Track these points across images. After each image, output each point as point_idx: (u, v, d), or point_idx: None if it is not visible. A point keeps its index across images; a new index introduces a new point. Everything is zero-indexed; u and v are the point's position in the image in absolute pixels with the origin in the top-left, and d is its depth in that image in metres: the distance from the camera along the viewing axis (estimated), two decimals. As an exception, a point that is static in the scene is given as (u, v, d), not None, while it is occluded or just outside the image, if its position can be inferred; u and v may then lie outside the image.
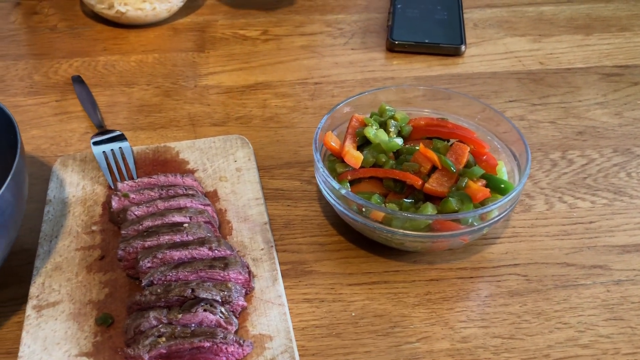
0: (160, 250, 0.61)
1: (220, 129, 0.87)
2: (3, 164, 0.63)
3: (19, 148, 0.59)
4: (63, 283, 0.63)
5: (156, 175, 0.72)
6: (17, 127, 0.62)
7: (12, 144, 0.61)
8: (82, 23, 1.11)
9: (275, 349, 0.57)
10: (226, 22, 1.12)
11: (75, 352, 0.57)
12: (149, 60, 1.01)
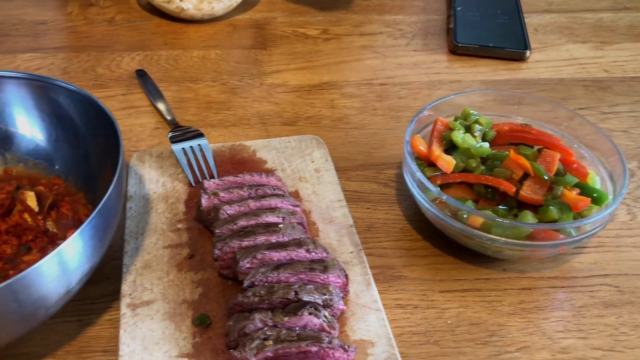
0: (259, 250, 0.60)
1: (292, 128, 0.86)
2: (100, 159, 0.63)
3: (120, 149, 0.58)
4: (154, 281, 0.62)
5: (242, 174, 0.71)
6: (118, 129, 0.60)
7: (111, 142, 0.60)
8: (138, 16, 1.10)
9: (378, 355, 0.56)
10: (285, 20, 1.11)
11: (176, 353, 0.56)
12: (212, 57, 1.00)
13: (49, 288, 0.51)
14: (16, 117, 0.69)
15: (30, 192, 0.64)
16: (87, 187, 0.68)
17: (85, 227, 0.51)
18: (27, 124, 0.69)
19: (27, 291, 0.49)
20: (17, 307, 0.49)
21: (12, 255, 0.60)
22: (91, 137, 0.65)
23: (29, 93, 0.67)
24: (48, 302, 0.52)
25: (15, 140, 0.69)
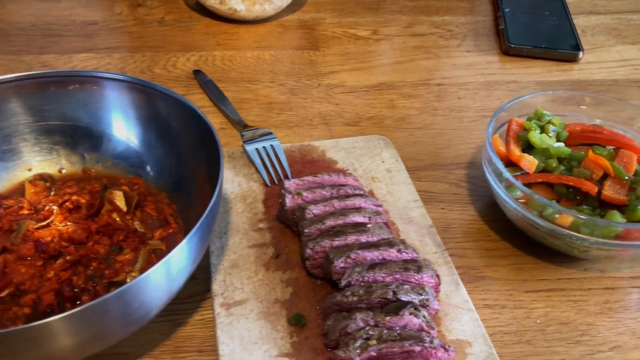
0: (352, 250, 0.60)
1: (354, 128, 0.86)
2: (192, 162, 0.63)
3: (220, 155, 0.57)
4: (244, 281, 0.62)
5: (320, 174, 0.71)
6: (216, 136, 0.60)
7: (205, 147, 0.60)
8: (188, 17, 1.10)
9: (477, 355, 0.57)
10: (334, 20, 1.11)
11: (275, 352, 0.56)
12: (266, 57, 1.00)
13: (156, 294, 0.51)
14: (113, 119, 0.69)
15: (118, 192, 0.64)
16: (170, 187, 0.68)
17: (194, 234, 0.50)
18: (123, 126, 0.69)
19: (137, 298, 0.49)
20: (126, 312, 0.49)
21: (105, 255, 0.60)
22: (183, 140, 0.65)
23: (129, 96, 0.67)
24: (153, 307, 0.52)
25: (106, 141, 0.69)
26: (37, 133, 0.68)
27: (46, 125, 0.68)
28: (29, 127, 0.67)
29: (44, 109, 0.67)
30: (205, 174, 0.60)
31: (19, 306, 0.56)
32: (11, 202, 0.66)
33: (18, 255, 0.59)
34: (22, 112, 0.67)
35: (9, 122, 0.67)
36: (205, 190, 0.59)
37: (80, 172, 0.70)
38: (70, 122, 0.68)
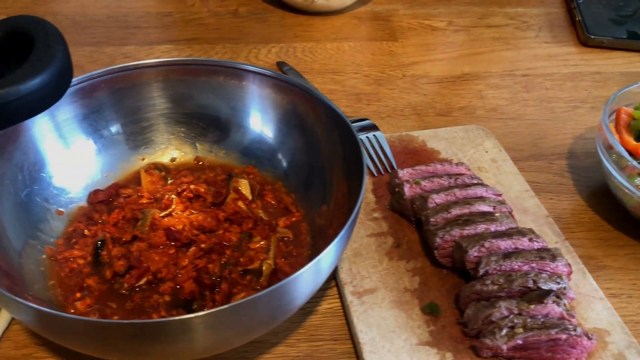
0: (485, 239, 0.59)
1: (447, 119, 0.86)
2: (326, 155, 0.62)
3: (362, 154, 0.56)
4: (370, 270, 0.62)
5: (432, 164, 0.70)
6: (357, 137, 0.58)
7: (344, 144, 0.59)
8: (261, 9, 1.10)
9: (617, 344, 0.56)
10: (407, 12, 1.10)
11: (415, 341, 0.56)
12: (346, 49, 1.00)
13: (306, 290, 0.50)
14: (251, 112, 0.68)
15: (244, 180, 0.64)
16: (285, 176, 0.67)
17: (344, 233, 0.49)
18: (259, 119, 0.68)
19: (290, 294, 0.48)
20: (277, 308, 0.49)
21: (237, 243, 0.60)
22: (319, 137, 0.64)
23: (270, 90, 0.66)
24: (300, 302, 0.51)
25: (236, 132, 0.68)
26: (165, 121, 0.68)
27: (178, 113, 0.68)
28: (158, 114, 0.67)
29: (184, 97, 0.66)
30: (341, 171, 0.60)
31: (158, 294, 0.56)
32: (129, 191, 0.66)
33: (149, 243, 0.59)
34: (155, 99, 0.66)
35: (142, 109, 0.66)
36: (339, 186, 0.59)
37: (192, 161, 0.70)
38: (207, 112, 0.68)
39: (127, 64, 0.64)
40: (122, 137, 0.67)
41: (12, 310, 0.47)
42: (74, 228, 0.62)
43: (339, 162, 0.60)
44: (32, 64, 0.47)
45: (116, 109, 0.66)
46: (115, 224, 0.62)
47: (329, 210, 0.61)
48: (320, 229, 0.61)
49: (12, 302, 0.44)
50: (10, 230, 0.56)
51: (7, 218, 0.56)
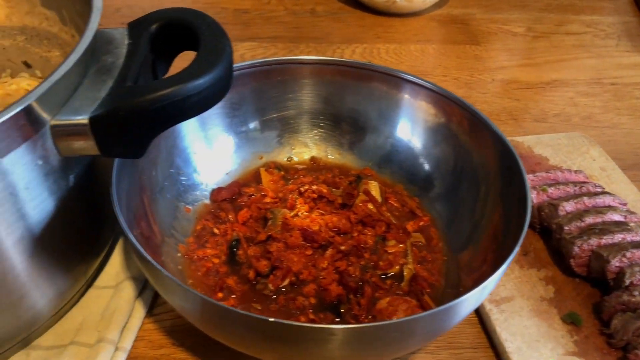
0: (626, 249, 0.58)
1: (544, 125, 0.85)
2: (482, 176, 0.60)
3: (524, 176, 0.54)
4: (502, 278, 0.61)
5: (553, 171, 0.69)
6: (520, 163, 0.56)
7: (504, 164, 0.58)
8: (337, 8, 1.09)
9: None
10: (484, 16, 1.10)
11: (562, 351, 0.55)
12: (430, 51, 0.99)
13: (466, 312, 0.49)
14: (400, 120, 0.66)
15: (374, 183, 0.63)
16: (408, 179, 0.66)
17: (511, 258, 0.48)
18: (408, 128, 0.66)
19: (452, 316, 0.47)
20: (438, 328, 0.47)
21: (373, 246, 0.58)
22: (470, 151, 0.61)
23: (424, 101, 0.64)
24: (456, 322, 0.50)
25: (374, 137, 0.67)
26: (304, 120, 0.67)
27: (320, 113, 0.67)
28: (297, 112, 0.66)
29: (333, 97, 0.65)
30: (495, 188, 0.58)
31: (302, 296, 0.54)
32: (252, 189, 0.64)
33: (286, 244, 0.57)
34: (300, 96, 0.65)
35: (280, 105, 0.65)
36: (493, 203, 0.57)
37: (308, 161, 0.69)
38: (349, 114, 0.66)
39: (277, 59, 0.64)
40: (258, 134, 0.65)
41: (179, 298, 0.46)
42: (202, 226, 0.61)
43: (494, 181, 0.58)
44: (205, 59, 0.46)
45: (255, 105, 0.64)
46: (245, 223, 0.61)
47: (476, 225, 0.58)
48: (464, 240, 0.59)
49: (181, 289, 0.44)
50: (154, 226, 0.55)
51: (151, 214, 0.55)
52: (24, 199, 0.45)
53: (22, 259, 0.47)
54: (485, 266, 0.53)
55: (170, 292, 0.47)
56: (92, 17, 0.49)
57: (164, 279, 0.45)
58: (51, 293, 0.52)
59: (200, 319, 0.48)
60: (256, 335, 0.44)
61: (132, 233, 0.46)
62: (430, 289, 0.56)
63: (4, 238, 0.45)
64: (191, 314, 0.48)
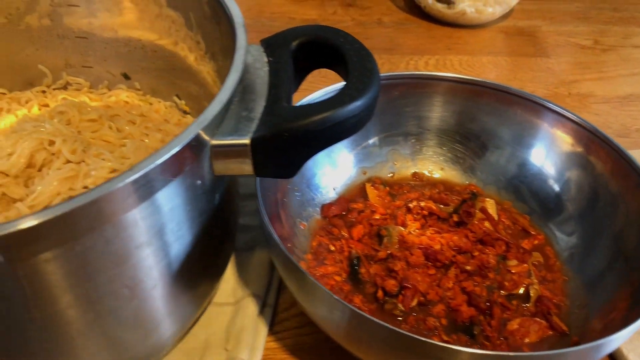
0: None
1: (628, 140, 0.85)
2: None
3: None
4: None
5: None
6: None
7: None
8: (404, 19, 1.08)
9: None
10: (549, 28, 1.09)
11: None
12: (502, 63, 0.99)
13: (611, 349, 0.48)
14: (534, 146, 0.66)
15: (490, 200, 0.62)
16: (516, 196, 0.66)
17: None
18: (542, 154, 0.65)
19: (599, 352, 0.46)
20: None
21: (495, 266, 0.58)
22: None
23: (564, 130, 0.64)
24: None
25: (495, 156, 0.67)
26: (422, 136, 0.67)
27: (441, 129, 0.66)
28: (415, 127, 0.66)
29: (465, 116, 0.65)
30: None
31: (433, 317, 0.54)
32: (360, 205, 0.64)
33: (407, 262, 0.57)
34: (430, 112, 0.65)
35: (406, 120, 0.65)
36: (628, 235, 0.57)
37: (410, 176, 0.69)
38: (479, 134, 0.66)
39: (414, 73, 0.64)
40: (376, 150, 0.65)
41: (328, 309, 0.46)
42: (318, 242, 0.60)
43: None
44: (360, 80, 0.46)
45: (381, 120, 0.64)
46: (360, 240, 0.60)
47: (616, 253, 0.57)
48: (598, 266, 0.58)
49: (332, 300, 0.44)
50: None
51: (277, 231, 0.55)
52: (171, 231, 0.43)
53: (161, 293, 0.46)
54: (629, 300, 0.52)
55: (317, 303, 0.47)
56: (238, 32, 0.49)
57: (316, 290, 0.45)
58: (182, 318, 0.51)
59: (345, 332, 0.47)
60: (407, 354, 0.44)
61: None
62: (557, 309, 0.56)
63: (146, 277, 0.44)
64: (335, 326, 0.47)
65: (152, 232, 0.42)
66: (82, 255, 0.39)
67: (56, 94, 0.70)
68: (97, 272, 0.40)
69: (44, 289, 0.39)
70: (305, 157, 0.45)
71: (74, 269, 0.39)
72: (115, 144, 0.62)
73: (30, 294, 0.39)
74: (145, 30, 0.63)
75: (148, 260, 0.43)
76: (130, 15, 0.63)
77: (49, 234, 0.36)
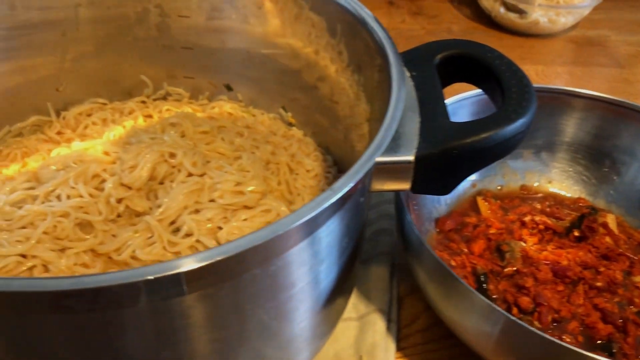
0: None
1: None
2: None
3: None
4: None
5: None
6: None
7: None
8: (472, 27, 1.08)
9: None
10: (618, 38, 1.09)
11: None
12: (578, 73, 0.98)
13: None
14: None
15: (611, 215, 0.62)
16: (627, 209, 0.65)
17: None
18: None
19: None
20: None
21: (622, 281, 0.57)
22: None
23: None
24: None
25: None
26: (548, 149, 0.66)
27: (570, 144, 0.66)
28: (542, 141, 0.65)
29: (600, 133, 0.65)
30: None
31: (568, 334, 0.53)
32: (474, 219, 0.63)
33: (535, 278, 0.56)
34: (563, 126, 0.65)
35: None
36: None
37: (518, 189, 0.68)
38: (612, 152, 0.66)
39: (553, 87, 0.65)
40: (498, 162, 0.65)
41: (480, 318, 0.46)
42: (440, 257, 0.59)
43: None
44: (521, 97, 0.45)
45: None
46: (481, 255, 0.60)
47: None
48: None
49: (491, 309, 0.44)
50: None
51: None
52: (327, 257, 0.43)
53: (309, 319, 0.46)
54: None
55: (468, 312, 0.46)
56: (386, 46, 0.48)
57: (472, 299, 0.44)
58: (322, 337, 0.50)
59: (495, 342, 0.47)
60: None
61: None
62: (689, 326, 0.55)
63: (299, 306, 0.43)
64: (485, 336, 0.47)
65: (313, 261, 0.42)
66: (240, 289, 0.38)
67: (158, 104, 0.69)
68: (250, 305, 0.40)
69: (200, 320, 0.39)
70: (466, 175, 0.45)
71: (228, 304, 0.39)
72: (230, 157, 0.61)
73: (194, 324, 0.39)
74: (288, 38, 0.61)
75: (303, 292, 0.43)
76: (275, 22, 0.61)
77: (223, 269, 0.35)
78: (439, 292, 0.49)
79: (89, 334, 0.38)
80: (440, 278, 0.47)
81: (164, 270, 0.33)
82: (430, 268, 0.48)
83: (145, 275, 0.33)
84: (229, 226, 0.54)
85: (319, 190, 0.62)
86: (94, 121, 0.66)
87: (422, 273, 0.50)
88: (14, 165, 0.62)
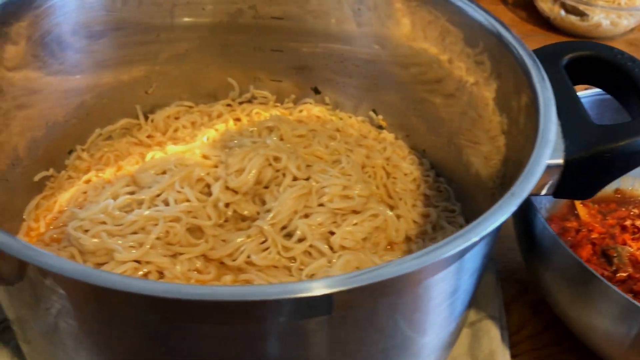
0: None
1: None
2: None
3: None
4: None
5: None
6: None
7: None
8: (529, 30, 1.07)
9: None
10: (677, 41, 1.08)
11: None
12: (643, 76, 0.97)
13: None
14: None
15: None
16: None
17: None
18: None
19: None
20: None
21: None
22: None
23: None
24: None
25: None
26: None
27: None
28: None
29: None
30: None
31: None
32: (574, 224, 0.62)
33: (650, 284, 0.55)
34: None
35: None
36: None
37: (612, 193, 0.67)
38: None
39: None
40: None
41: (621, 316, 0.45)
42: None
43: None
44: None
45: None
46: (589, 260, 0.58)
47: None
48: None
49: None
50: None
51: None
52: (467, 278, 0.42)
53: (442, 335, 0.46)
54: None
55: (604, 313, 0.46)
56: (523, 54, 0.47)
57: (616, 298, 0.44)
58: (446, 350, 0.50)
59: (630, 343, 0.46)
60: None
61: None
62: None
63: (435, 322, 0.43)
64: (621, 337, 0.46)
65: (459, 275, 0.41)
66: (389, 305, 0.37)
67: (245, 107, 0.68)
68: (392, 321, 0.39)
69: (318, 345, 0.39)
70: (613, 178, 0.44)
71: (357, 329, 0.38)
72: (328, 160, 0.61)
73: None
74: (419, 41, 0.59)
75: (441, 305, 0.42)
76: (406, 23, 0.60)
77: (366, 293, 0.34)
78: (570, 292, 0.48)
79: (236, 345, 0.37)
80: (576, 276, 0.46)
81: (338, 285, 0.32)
82: (565, 267, 0.47)
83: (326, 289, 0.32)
84: (342, 231, 0.53)
85: (420, 195, 0.61)
86: (184, 124, 0.66)
87: (552, 274, 0.49)
88: (109, 169, 0.61)
